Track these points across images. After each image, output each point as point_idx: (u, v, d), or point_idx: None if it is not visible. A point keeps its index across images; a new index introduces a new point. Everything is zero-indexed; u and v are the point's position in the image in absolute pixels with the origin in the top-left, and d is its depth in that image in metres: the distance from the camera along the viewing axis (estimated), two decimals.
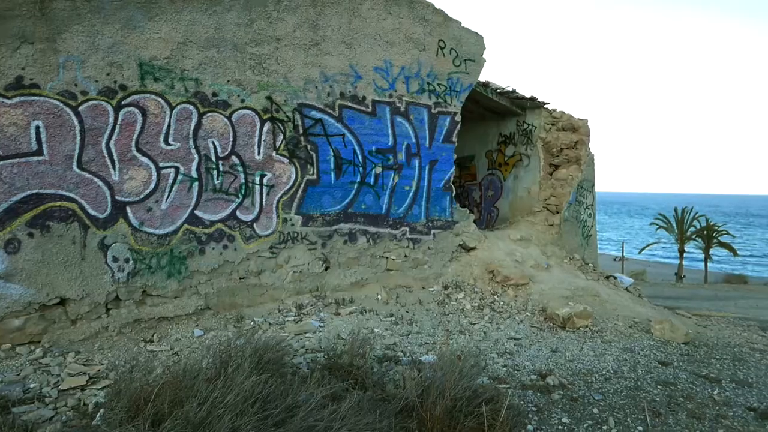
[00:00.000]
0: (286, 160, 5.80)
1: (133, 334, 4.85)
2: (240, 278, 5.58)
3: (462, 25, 6.92)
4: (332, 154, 6.11)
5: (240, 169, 5.50)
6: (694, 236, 34.98)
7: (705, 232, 34.44)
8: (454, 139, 7.06)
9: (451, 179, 7.11)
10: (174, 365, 3.61)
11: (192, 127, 5.17)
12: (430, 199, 6.91)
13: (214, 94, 5.28)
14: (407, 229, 6.74)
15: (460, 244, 7.20)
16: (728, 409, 3.91)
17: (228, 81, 5.34)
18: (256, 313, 5.54)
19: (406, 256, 6.73)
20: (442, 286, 6.78)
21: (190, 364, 3.20)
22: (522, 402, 3.79)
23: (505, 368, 4.48)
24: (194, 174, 5.23)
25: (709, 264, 34.76)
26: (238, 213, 5.52)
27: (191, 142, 5.18)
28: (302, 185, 5.93)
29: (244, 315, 5.45)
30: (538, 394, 3.97)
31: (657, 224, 37.23)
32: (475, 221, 7.72)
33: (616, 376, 4.47)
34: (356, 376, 3.62)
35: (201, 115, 5.21)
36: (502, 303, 6.43)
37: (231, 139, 5.42)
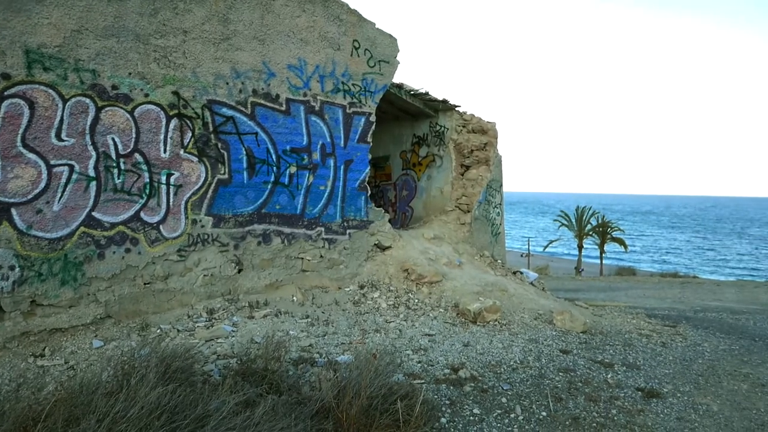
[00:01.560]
0: (195, 159, 5.55)
1: (20, 349, 4.42)
2: (145, 284, 5.26)
3: (376, 26, 6.99)
4: (245, 153, 5.93)
5: (144, 167, 5.18)
6: (591, 232, 37.89)
7: (600, 228, 37.41)
8: (369, 139, 7.12)
9: (367, 179, 7.16)
10: (69, 380, 3.34)
11: (89, 122, 4.80)
12: (345, 199, 6.92)
13: (114, 87, 4.93)
14: (323, 229, 6.70)
15: (375, 244, 7.28)
16: (620, 391, 4.26)
17: (130, 73, 5.02)
18: (163, 320, 5.25)
19: (321, 256, 6.69)
20: (358, 285, 6.81)
21: (88, 378, 2.97)
22: (436, 396, 3.90)
23: (419, 364, 4.58)
24: (92, 173, 4.86)
25: (604, 258, 37.77)
26: (142, 214, 5.20)
27: (88, 138, 4.80)
28: (213, 185, 5.70)
29: (149, 323, 5.14)
30: (451, 387, 4.10)
31: (559, 222, 39.90)
32: (390, 221, 7.83)
33: (523, 365, 4.73)
34: (271, 380, 3.54)
35: (99, 109, 4.85)
36: (416, 300, 6.57)
37: (134, 136, 5.09)
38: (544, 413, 3.77)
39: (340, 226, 6.90)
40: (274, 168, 6.20)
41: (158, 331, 5.01)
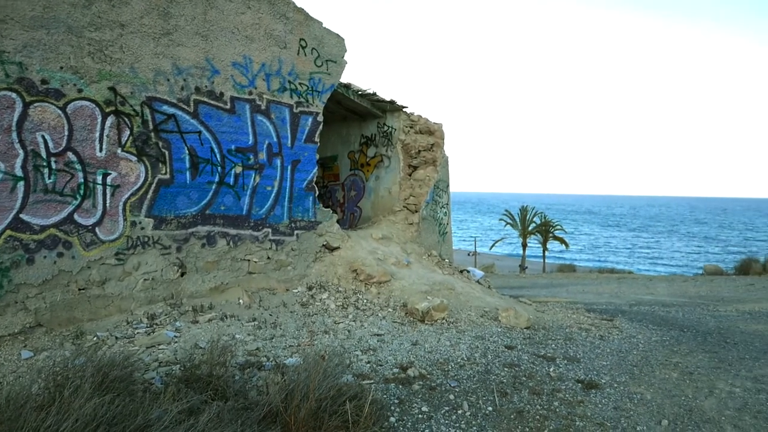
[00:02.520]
0: (134, 158, 5.32)
1: None
2: (80, 289, 5.00)
3: (323, 25, 6.94)
4: (187, 152, 5.74)
5: (78, 167, 4.92)
6: (534, 231, 39.21)
7: (543, 227, 38.79)
8: (317, 139, 7.06)
9: (314, 179, 7.09)
10: None
11: (15, 119, 4.51)
12: (293, 199, 6.83)
13: (44, 82, 4.66)
14: (270, 230, 6.58)
15: (323, 245, 7.22)
16: (561, 383, 4.42)
17: (61, 67, 4.75)
18: (99, 328, 5.00)
19: (269, 258, 6.57)
20: (307, 287, 6.74)
21: (16, 392, 2.78)
22: (385, 396, 3.91)
23: (368, 364, 4.59)
24: (19, 172, 4.56)
25: (546, 256, 39.16)
26: (76, 216, 4.93)
27: (14, 135, 4.51)
28: (153, 185, 5.48)
29: (85, 330, 4.89)
30: (400, 386, 4.13)
31: (504, 221, 41.05)
32: (338, 221, 7.80)
33: (470, 362, 4.82)
34: (216, 386, 3.44)
35: (27, 105, 4.57)
36: (365, 301, 6.58)
37: (66, 134, 4.82)
38: (490, 408, 3.86)
39: (288, 227, 6.80)
40: (219, 168, 6.04)
41: (95, 339, 4.77)
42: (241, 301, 6.05)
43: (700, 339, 6.25)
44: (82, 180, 4.95)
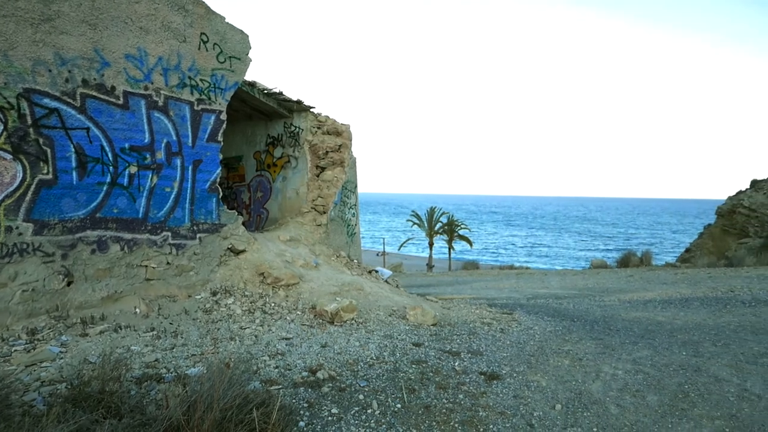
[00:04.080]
0: (9, 156, 4.79)
1: None
2: None
3: (226, 20, 6.68)
4: (74, 150, 5.27)
5: None
6: (440, 231, 40.60)
7: (448, 227, 40.27)
8: (220, 138, 6.78)
9: (218, 180, 6.81)
10: None
11: None
12: (194, 201, 6.50)
13: None
14: (169, 234, 6.22)
15: (228, 248, 6.96)
16: (466, 377, 4.60)
17: None
18: None
19: (168, 263, 6.20)
20: (211, 292, 6.45)
21: None
22: (294, 400, 3.85)
23: (277, 369, 4.48)
24: None
25: (452, 254, 40.67)
26: None
27: None
28: (33, 186, 4.97)
29: None
30: (309, 389, 4.08)
31: (412, 221, 42.09)
32: (244, 223, 7.55)
33: (379, 361, 4.87)
34: (109, 403, 3.19)
35: None
36: (273, 304, 6.42)
37: None
38: (398, 405, 3.92)
39: (190, 230, 6.47)
40: (111, 168, 5.60)
41: None
42: (137, 310, 5.65)
43: (588, 327, 6.79)
44: None
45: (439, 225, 40.03)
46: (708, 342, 5.82)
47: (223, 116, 6.78)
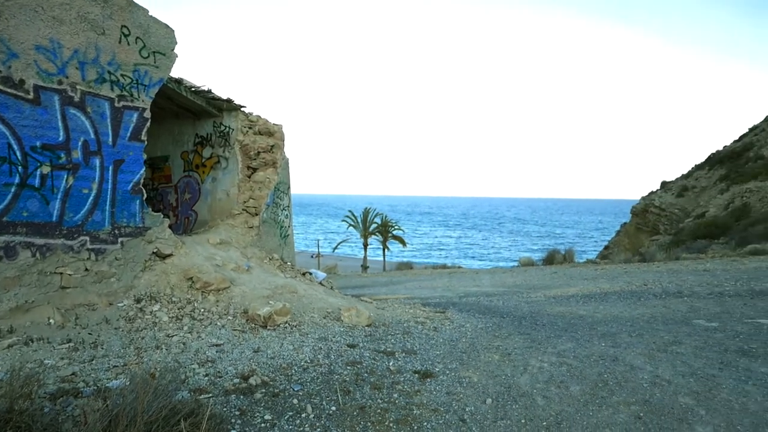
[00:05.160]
0: None
1: None
2: None
3: (150, 13, 6.36)
4: None
5: None
6: (375, 232, 40.82)
7: (383, 227, 40.60)
8: (144, 137, 6.45)
9: (142, 181, 6.47)
10: None
11: None
12: (115, 203, 6.14)
13: None
14: (87, 238, 5.84)
15: (153, 252, 6.63)
16: (400, 376, 4.65)
17: None
18: None
19: (87, 269, 5.82)
20: (134, 299, 6.12)
21: None
22: (225, 408, 3.73)
23: (207, 377, 4.32)
24: None
25: (387, 254, 41.02)
26: None
27: None
28: None
29: None
30: (241, 396, 3.96)
31: (347, 222, 42.05)
32: (171, 226, 7.23)
33: (313, 364, 4.82)
34: (18, 423, 2.94)
35: None
36: (203, 310, 6.19)
37: None
38: (333, 408, 3.89)
39: (110, 234, 6.10)
40: (20, 167, 5.18)
41: None
42: (51, 320, 5.26)
43: (516, 323, 7.05)
44: None
45: (373, 226, 40.26)
46: (624, 333, 6.20)
47: (147, 114, 6.46)
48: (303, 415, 3.74)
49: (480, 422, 3.83)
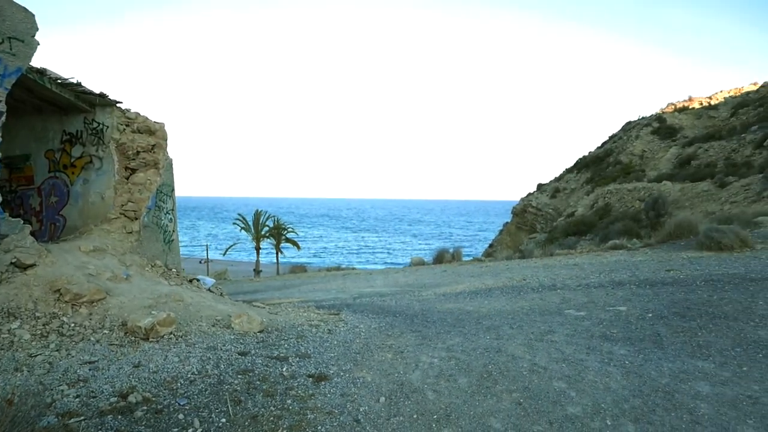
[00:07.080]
0: None
1: None
2: None
3: None
4: None
5: None
6: (267, 235, 39.83)
7: (276, 230, 39.74)
8: None
9: None
10: None
11: None
12: None
13: None
14: None
15: (12, 262, 5.89)
16: (294, 381, 4.57)
17: None
18: None
19: None
20: None
21: None
22: (100, 431, 3.41)
23: (78, 398, 3.93)
24: None
25: (280, 258, 40.20)
26: None
27: None
28: None
29: None
30: (119, 416, 3.66)
31: (238, 225, 40.58)
32: (33, 233, 6.48)
33: (201, 376, 4.57)
34: None
35: None
36: (73, 325, 5.61)
37: None
38: (223, 420, 3.73)
39: None
40: None
41: None
42: None
43: (408, 321, 7.25)
44: None
45: (266, 229, 39.27)
46: (506, 326, 6.63)
47: (2, 107, 5.73)
48: (190, 431, 3.54)
49: (374, 421, 3.88)
